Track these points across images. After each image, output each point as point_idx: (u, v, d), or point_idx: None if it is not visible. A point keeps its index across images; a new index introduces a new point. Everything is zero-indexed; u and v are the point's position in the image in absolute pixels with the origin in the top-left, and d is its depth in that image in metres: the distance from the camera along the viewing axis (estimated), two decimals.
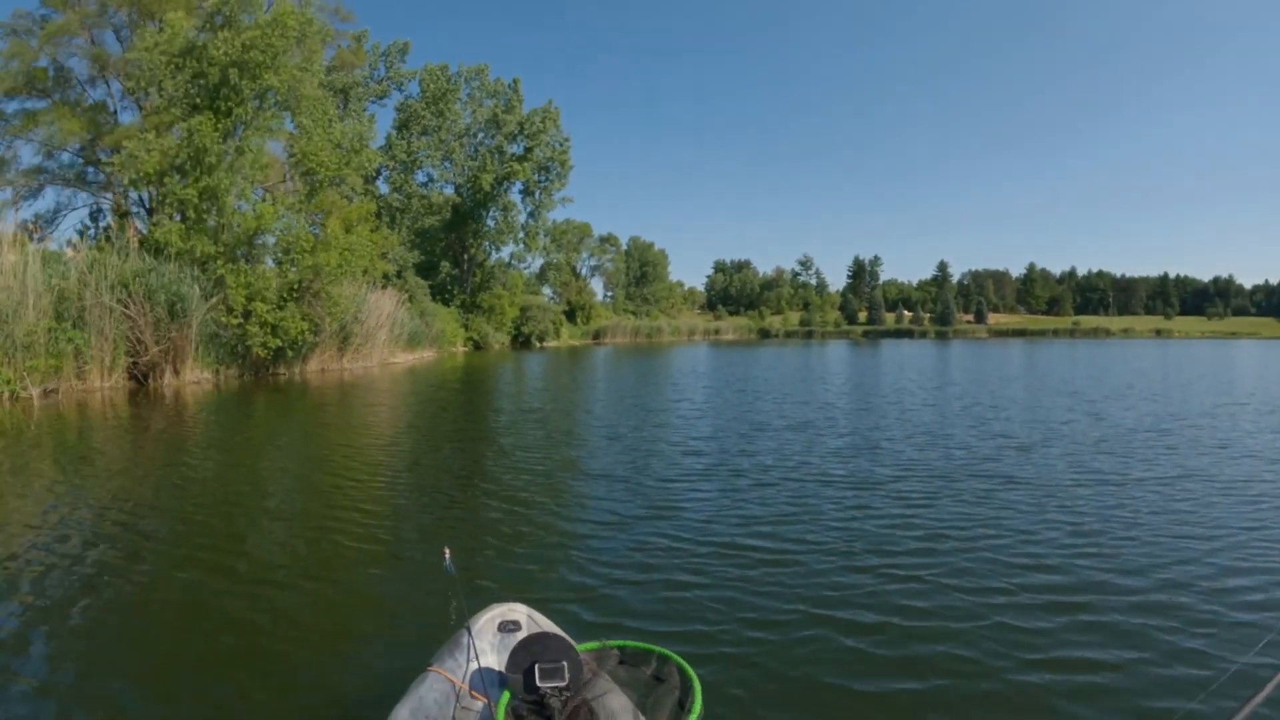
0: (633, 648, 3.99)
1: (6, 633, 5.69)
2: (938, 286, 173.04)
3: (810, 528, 8.36)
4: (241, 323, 26.91)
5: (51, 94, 34.84)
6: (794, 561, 7.29)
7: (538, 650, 3.53)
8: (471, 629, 3.87)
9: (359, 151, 32.48)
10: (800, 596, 6.40)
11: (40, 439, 14.83)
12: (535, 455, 12.93)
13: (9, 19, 35.16)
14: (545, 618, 4.22)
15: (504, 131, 63.10)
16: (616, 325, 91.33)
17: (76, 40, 34.75)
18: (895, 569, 7.08)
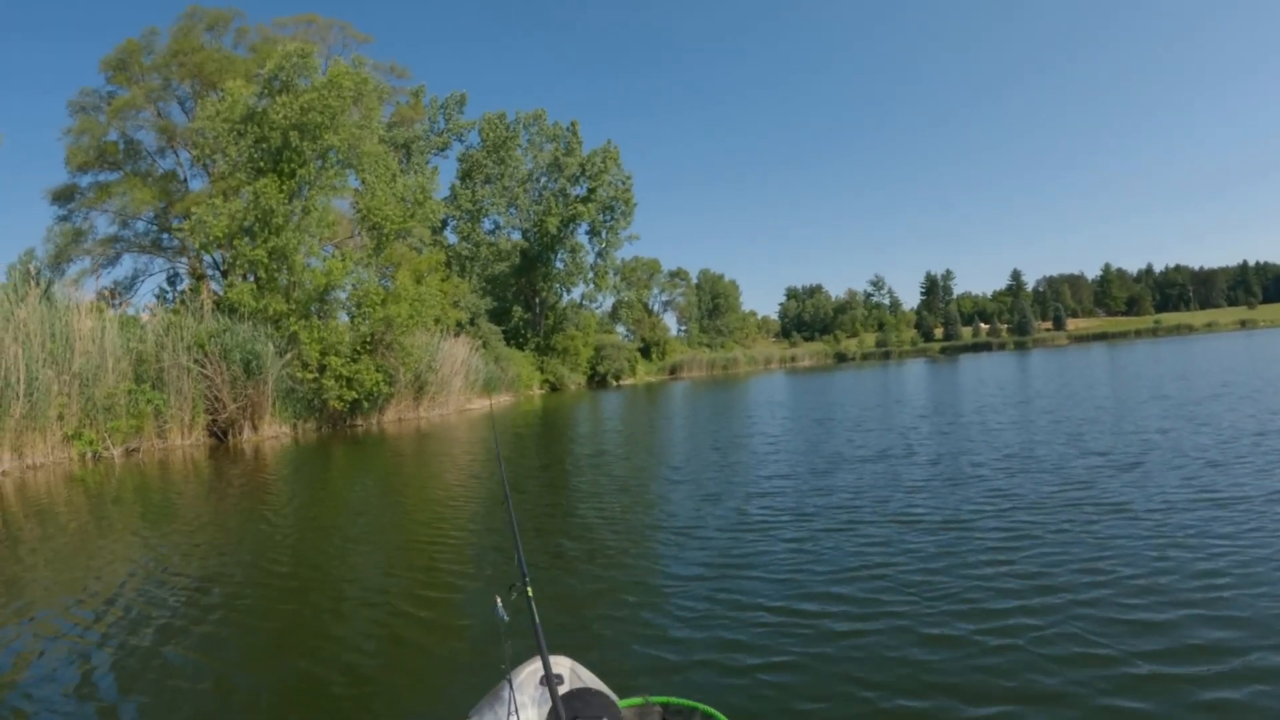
0: (676, 704, 3.87)
1: (99, 675, 5.86)
2: (1013, 296, 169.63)
3: (886, 584, 6.96)
4: (317, 377, 27.16)
5: (123, 166, 36.22)
6: (867, 631, 5.91)
7: (578, 706, 3.20)
8: (513, 681, 3.71)
9: (423, 203, 32.68)
10: (871, 679, 5.18)
11: (122, 496, 15.15)
12: (603, 501, 11.90)
13: (77, 96, 37.07)
14: (589, 672, 4.04)
15: (566, 174, 63.64)
16: (692, 359, 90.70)
17: (144, 114, 36.36)
18: (985, 636, 5.68)
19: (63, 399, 19.98)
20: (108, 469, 18.87)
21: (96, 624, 7.12)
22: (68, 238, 36.70)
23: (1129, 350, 64.26)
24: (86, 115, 36.46)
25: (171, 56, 36.41)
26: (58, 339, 20.19)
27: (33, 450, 19.04)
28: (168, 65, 36.44)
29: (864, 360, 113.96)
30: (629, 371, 70.88)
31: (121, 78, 36.33)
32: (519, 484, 14.42)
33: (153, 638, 6.67)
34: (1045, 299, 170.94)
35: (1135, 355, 52.22)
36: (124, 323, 23.56)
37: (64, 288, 24.28)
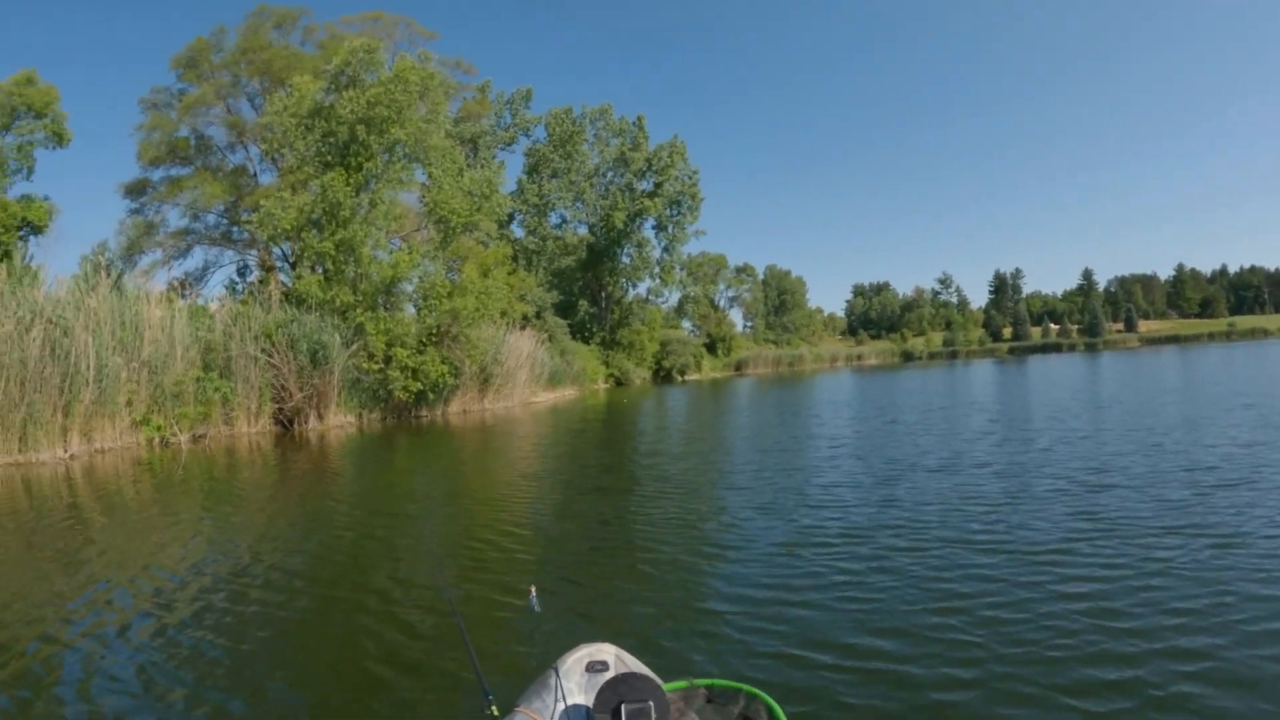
0: (720, 686, 3.89)
1: (153, 647, 6.00)
2: (1084, 296, 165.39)
3: (948, 632, 5.56)
4: (382, 368, 27.17)
5: (194, 161, 37.00)
6: (933, 680, 4.83)
7: (624, 690, 3.44)
8: (559, 669, 3.78)
9: (489, 197, 32.51)
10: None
11: (188, 480, 15.25)
12: (660, 503, 11.09)
13: (149, 94, 37.81)
14: (634, 658, 4.05)
15: (632, 169, 63.31)
16: (757, 355, 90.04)
17: (214, 110, 37.11)
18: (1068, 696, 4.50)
19: (132, 386, 20.14)
20: (174, 454, 18.98)
21: (156, 600, 7.25)
22: (140, 230, 37.47)
23: (1202, 354, 61.28)
24: (158, 112, 37.23)
25: (240, 54, 36.87)
26: (127, 327, 20.34)
27: (101, 435, 19.19)
28: (237, 63, 36.93)
29: (930, 360, 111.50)
30: (694, 367, 70.45)
31: (192, 75, 36.98)
32: (576, 480, 14.02)
33: (208, 615, 6.77)
34: (1117, 299, 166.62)
35: (1210, 359, 49.17)
36: (193, 312, 23.69)
37: (135, 278, 24.79)
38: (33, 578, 8.45)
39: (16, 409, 17.18)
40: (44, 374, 17.68)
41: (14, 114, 30.39)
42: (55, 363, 17.96)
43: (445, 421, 28.35)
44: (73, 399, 18.37)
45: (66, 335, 18.35)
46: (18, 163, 30.80)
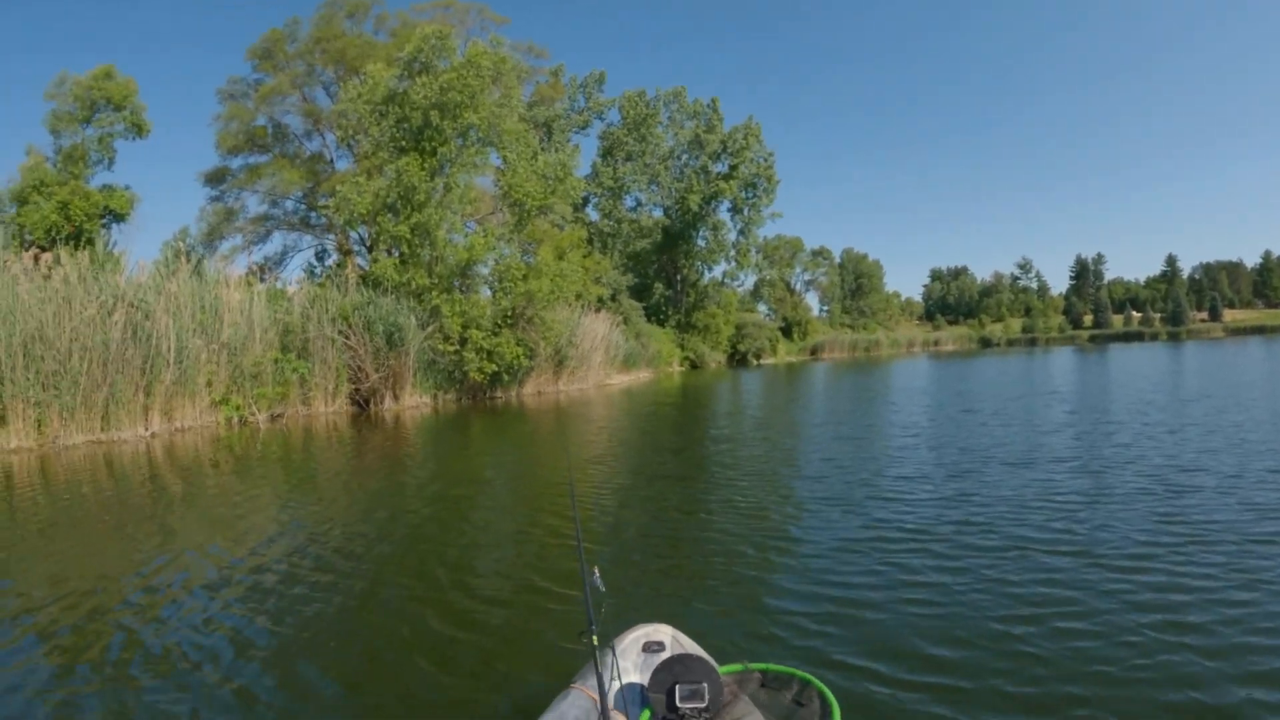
0: (775, 671, 3.89)
1: (229, 616, 6.20)
2: (1167, 283, 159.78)
3: (1011, 643, 5.10)
4: (458, 349, 27.26)
5: (271, 148, 37.85)
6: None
7: (679, 671, 3.53)
8: (616, 648, 3.85)
9: (563, 180, 32.34)
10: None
11: (265, 457, 15.57)
12: (728, 488, 10.96)
13: (225, 85, 38.68)
14: (690, 640, 4.12)
15: (707, 151, 62.68)
16: (833, 340, 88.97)
17: (290, 99, 37.71)
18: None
19: (211, 367, 20.40)
20: (252, 433, 19.30)
21: (231, 570, 7.49)
22: (220, 217, 38.36)
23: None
24: (235, 102, 37.92)
25: (314, 44, 37.23)
26: (207, 310, 20.58)
27: (181, 414, 19.42)
28: (311, 52, 37.30)
29: (1009, 346, 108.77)
30: (770, 351, 69.84)
31: (267, 65, 37.51)
32: (646, 464, 13.76)
33: (281, 585, 6.96)
34: (1201, 287, 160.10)
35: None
36: (271, 295, 23.93)
37: (215, 263, 25.12)
38: (108, 548, 8.61)
39: (99, 389, 17.37)
40: (126, 356, 17.87)
41: (94, 107, 31.00)
42: (137, 345, 18.16)
43: (519, 403, 28.31)
44: (154, 379, 18.58)
45: (148, 318, 18.56)
46: (99, 154, 31.44)
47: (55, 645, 5.71)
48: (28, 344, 16.47)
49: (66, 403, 16.90)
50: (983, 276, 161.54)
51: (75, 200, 28.72)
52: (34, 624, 6.13)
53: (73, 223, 28.28)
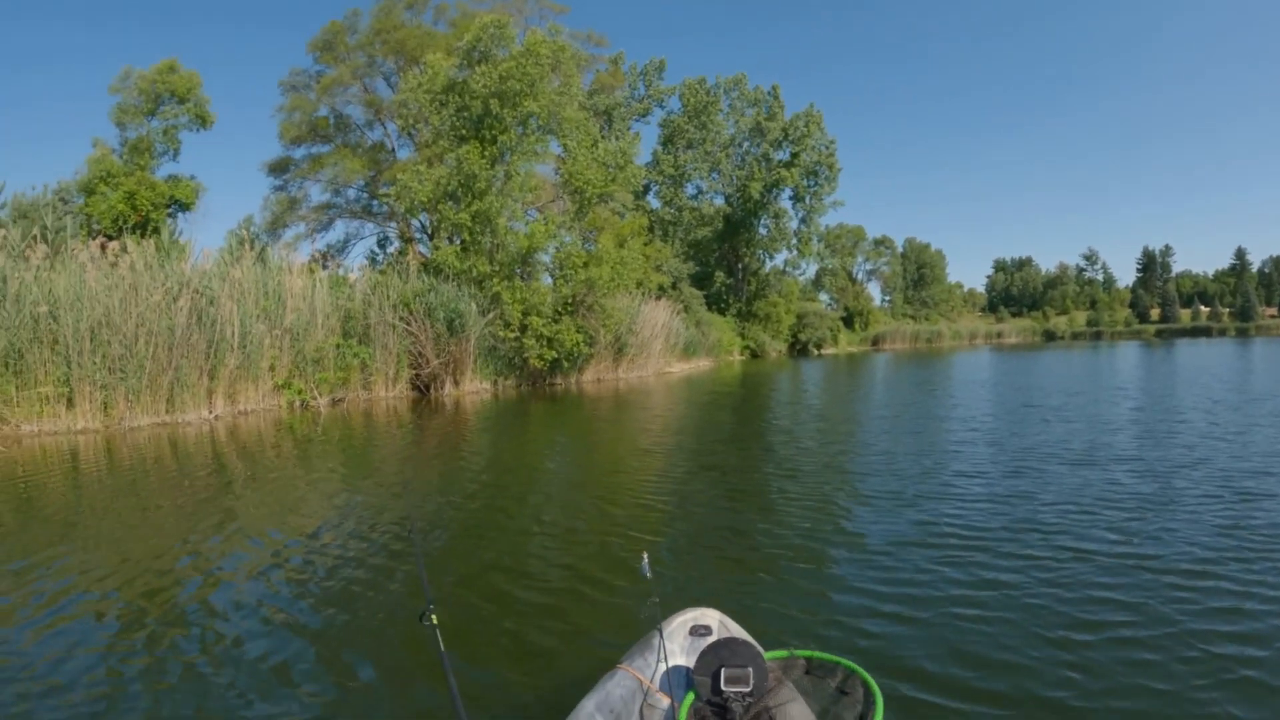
0: (819, 659, 3.84)
1: (286, 595, 6.36)
2: (1236, 277, 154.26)
3: (1061, 669, 4.66)
4: (518, 336, 27.25)
5: (333, 138, 38.43)
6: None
7: (725, 655, 3.53)
8: (664, 630, 3.87)
9: (624, 168, 32.17)
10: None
11: (327, 440, 15.83)
12: (781, 480, 10.79)
13: (288, 77, 39.24)
14: (736, 625, 4.10)
15: (768, 139, 61.89)
16: (895, 330, 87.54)
17: (351, 90, 38.17)
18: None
19: (274, 351, 20.63)
20: (314, 416, 19.54)
21: (287, 550, 7.67)
22: (283, 206, 38.96)
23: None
24: (297, 93, 38.48)
25: (374, 35, 37.44)
26: (270, 297, 20.87)
27: (245, 398, 19.70)
28: (371, 43, 37.53)
29: (1073, 340, 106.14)
30: (831, 341, 68.95)
31: (328, 57, 37.91)
32: (703, 452, 13.59)
33: (335, 566, 7.09)
34: (1271, 281, 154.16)
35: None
36: (334, 282, 24.14)
37: (279, 251, 25.40)
38: (168, 525, 8.76)
39: (165, 373, 17.59)
40: (190, 340, 18.09)
41: (158, 100, 31.50)
42: (201, 330, 18.39)
43: (579, 390, 28.31)
44: (218, 364, 18.82)
45: (212, 304, 18.80)
46: (164, 145, 31.93)
47: (111, 617, 5.83)
48: (95, 329, 16.70)
49: (132, 385, 17.10)
50: (1047, 268, 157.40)
51: (141, 190, 29.16)
52: (93, 598, 6.27)
53: (139, 212, 28.74)
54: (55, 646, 5.29)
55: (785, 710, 3.40)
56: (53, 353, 16.33)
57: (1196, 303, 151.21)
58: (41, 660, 5.09)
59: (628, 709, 3.55)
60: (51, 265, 17.72)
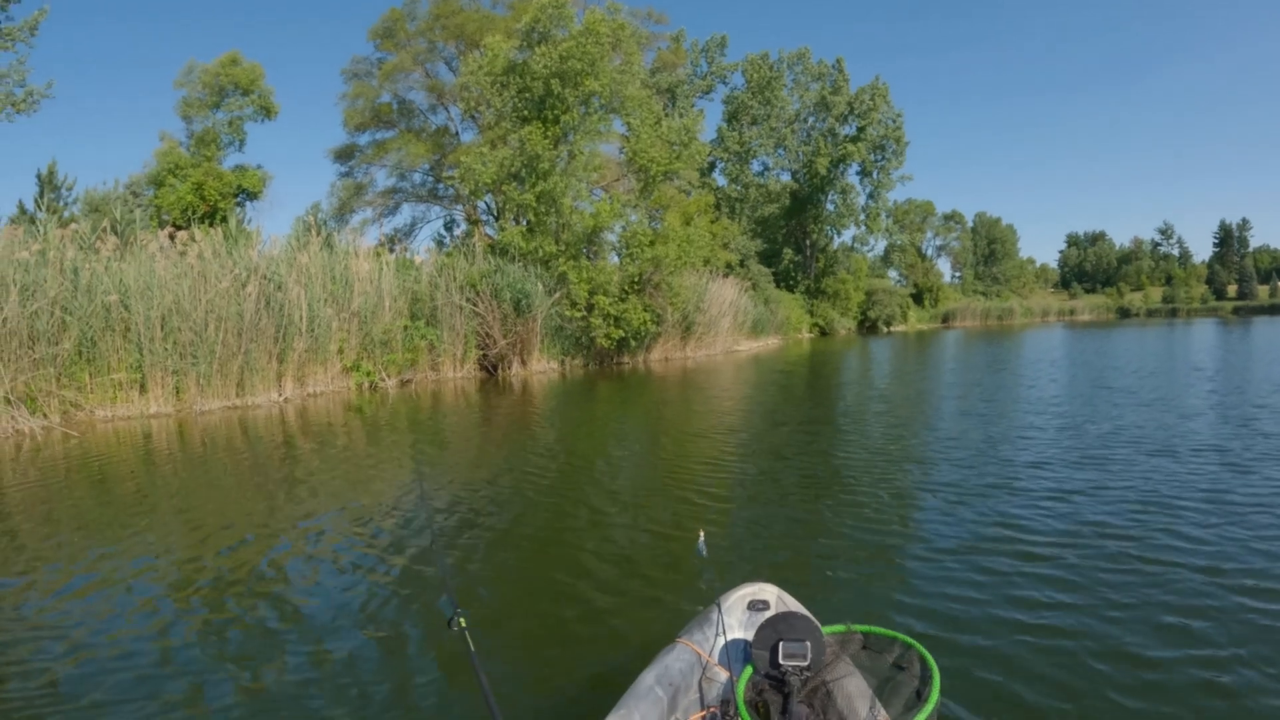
0: (877, 634, 3.79)
1: (356, 572, 6.46)
2: None
3: (1132, 697, 4.13)
4: (585, 315, 27.05)
5: (397, 124, 38.88)
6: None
7: (783, 629, 3.51)
8: (722, 605, 3.88)
9: (688, 145, 31.90)
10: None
11: (395, 420, 15.98)
12: (848, 465, 10.50)
13: (349, 65, 39.52)
14: (794, 599, 4.06)
15: (834, 113, 60.70)
16: (966, 308, 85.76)
17: (413, 75, 38.39)
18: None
19: (343, 334, 20.74)
20: (382, 398, 19.58)
21: (361, 528, 7.75)
22: (350, 192, 39.59)
23: None
24: (360, 81, 38.78)
25: (434, 20, 37.51)
26: (337, 281, 20.94)
27: (314, 380, 19.85)
28: (431, 29, 37.60)
29: (1148, 317, 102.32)
30: (900, 318, 67.79)
31: (389, 44, 38.05)
32: (768, 433, 13.37)
33: (406, 542, 7.22)
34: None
35: None
36: (401, 265, 24.24)
37: (347, 236, 25.47)
38: (240, 503, 9.03)
39: (234, 358, 17.74)
40: (259, 325, 18.23)
41: (222, 92, 32.10)
42: (270, 315, 18.52)
43: (646, 368, 28.19)
44: (286, 347, 18.94)
45: (279, 290, 18.92)
46: (229, 136, 32.59)
47: (180, 592, 6.05)
48: (165, 316, 16.87)
49: (203, 370, 17.22)
50: (1121, 242, 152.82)
51: (209, 181, 29.71)
52: (166, 574, 6.51)
53: (207, 202, 29.27)
54: (126, 620, 5.49)
55: (842, 684, 3.40)
56: (125, 340, 16.50)
57: (1275, 279, 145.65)
58: (119, 631, 5.30)
59: (686, 682, 3.55)
60: (121, 256, 17.88)
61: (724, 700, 3.49)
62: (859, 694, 3.34)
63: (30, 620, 5.56)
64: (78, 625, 5.42)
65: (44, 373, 15.18)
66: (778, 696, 3.33)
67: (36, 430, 14.17)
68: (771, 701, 3.34)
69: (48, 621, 5.51)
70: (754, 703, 3.36)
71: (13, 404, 14.38)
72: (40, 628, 5.41)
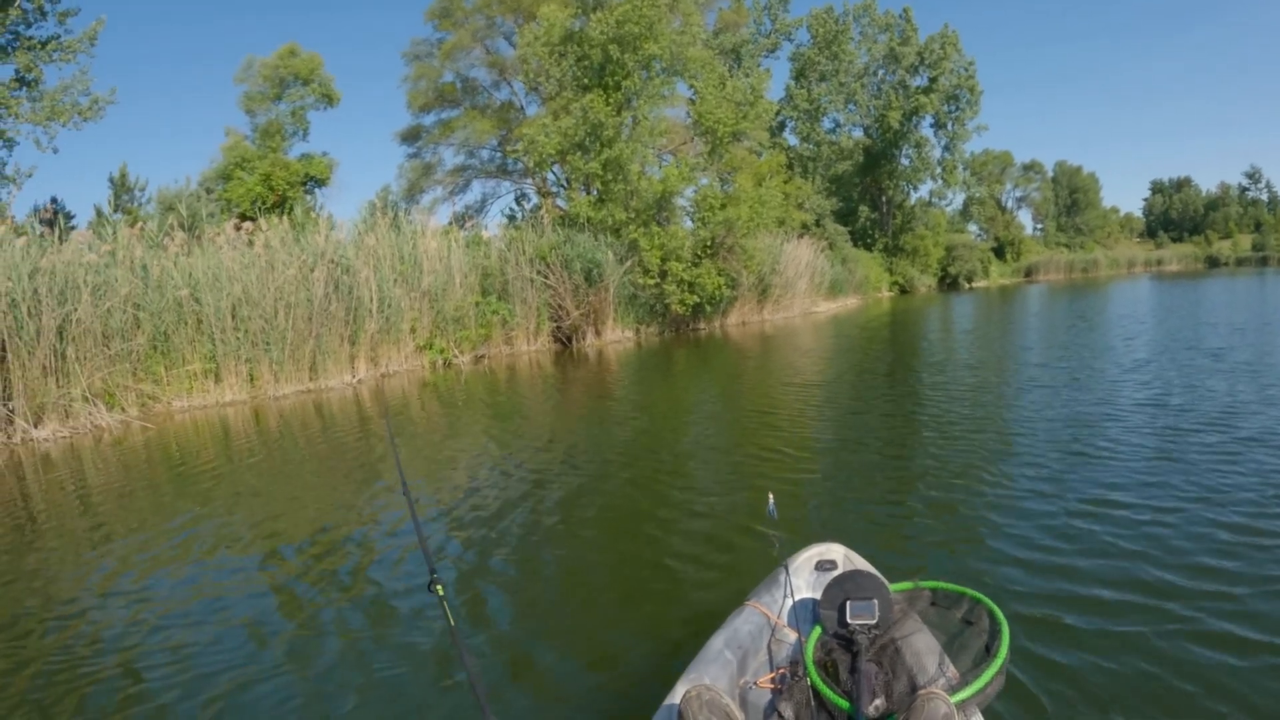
0: (945, 589, 3.80)
1: (447, 546, 6.66)
2: None
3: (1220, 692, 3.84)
4: (658, 282, 26.58)
5: (461, 102, 39.10)
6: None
7: (850, 588, 3.54)
8: (789, 566, 3.95)
9: (754, 104, 31.23)
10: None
11: (471, 396, 16.08)
12: (925, 428, 10.19)
13: (409, 47, 39.62)
14: (861, 558, 4.11)
15: (904, 65, 58.63)
16: (1048, 260, 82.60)
17: (473, 53, 38.41)
18: None
19: (414, 313, 20.68)
20: (456, 374, 19.56)
21: (438, 505, 7.90)
22: (418, 172, 39.99)
23: None
24: (420, 62, 38.88)
25: None
26: (406, 261, 20.93)
27: (387, 360, 19.89)
28: (488, 4, 37.46)
29: (1238, 266, 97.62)
30: (981, 273, 65.60)
31: (447, 24, 37.98)
32: (843, 396, 13.35)
33: (493, 516, 7.36)
34: None
35: None
36: (470, 242, 24.17)
37: (418, 216, 25.61)
38: (319, 484, 9.42)
39: (306, 342, 17.78)
40: (329, 309, 18.25)
41: (283, 84, 32.44)
42: (339, 298, 18.55)
43: (723, 333, 27.83)
44: (358, 329, 18.98)
45: (347, 273, 18.97)
46: (293, 126, 32.95)
47: (261, 572, 6.35)
48: (235, 306, 16.98)
49: (275, 357, 17.27)
50: (1208, 188, 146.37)
51: (276, 171, 30.18)
52: (246, 555, 6.81)
53: (276, 192, 29.75)
54: (207, 599, 5.79)
55: (910, 641, 3.38)
56: (197, 332, 16.65)
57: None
58: (198, 608, 5.62)
59: (755, 644, 3.60)
60: (189, 250, 18.10)
61: (793, 661, 3.45)
62: (927, 650, 3.32)
63: (129, 595, 5.93)
64: (168, 601, 5.78)
65: (120, 368, 15.32)
66: (846, 655, 3.33)
67: (114, 424, 14.39)
68: (840, 661, 3.32)
69: (144, 598, 5.86)
70: (823, 662, 3.34)
71: (90, 400, 14.56)
72: (137, 607, 5.71)
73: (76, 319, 14.48)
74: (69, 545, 7.37)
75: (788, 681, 3.34)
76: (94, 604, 5.83)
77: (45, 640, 5.26)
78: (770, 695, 3.36)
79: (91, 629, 5.39)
